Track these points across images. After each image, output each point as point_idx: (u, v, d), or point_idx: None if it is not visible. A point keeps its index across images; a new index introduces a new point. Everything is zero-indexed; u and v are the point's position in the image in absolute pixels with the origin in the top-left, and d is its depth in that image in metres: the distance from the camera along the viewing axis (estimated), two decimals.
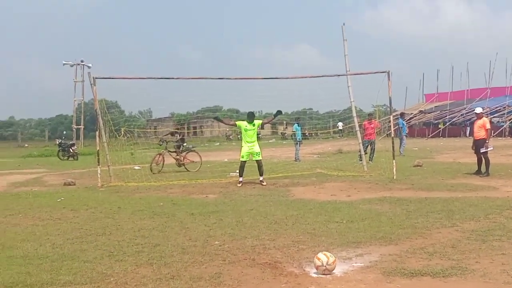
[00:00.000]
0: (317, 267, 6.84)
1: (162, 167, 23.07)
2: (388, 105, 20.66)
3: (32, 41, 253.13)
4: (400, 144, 30.30)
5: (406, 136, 32.51)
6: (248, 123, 17.50)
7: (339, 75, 20.61)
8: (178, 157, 23.77)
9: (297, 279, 6.63)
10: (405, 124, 33.52)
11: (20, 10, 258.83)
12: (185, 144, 24.71)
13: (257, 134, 18.34)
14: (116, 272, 7.08)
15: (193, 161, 23.96)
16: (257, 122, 17.81)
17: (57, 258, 7.95)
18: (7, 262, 7.76)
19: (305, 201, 13.20)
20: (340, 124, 50.49)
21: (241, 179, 17.46)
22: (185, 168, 23.52)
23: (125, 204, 13.58)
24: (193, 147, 25.25)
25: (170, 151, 23.85)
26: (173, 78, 20.15)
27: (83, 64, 62.75)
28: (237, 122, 18.08)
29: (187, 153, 24.15)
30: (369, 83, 21.98)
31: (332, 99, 24.63)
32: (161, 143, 24.47)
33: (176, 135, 25.04)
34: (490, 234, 8.72)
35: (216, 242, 8.80)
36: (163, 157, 23.24)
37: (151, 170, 22.31)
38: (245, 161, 17.53)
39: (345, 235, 9.03)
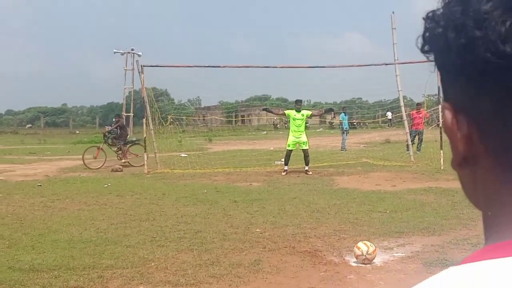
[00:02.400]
0: (357, 256, 6.80)
1: (104, 162, 21.18)
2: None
3: (85, 30, 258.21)
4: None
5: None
6: (297, 111, 17.41)
7: (386, 64, 20.37)
8: (119, 150, 22.11)
9: (336, 268, 6.61)
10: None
11: (74, 1, 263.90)
12: (128, 136, 23.04)
13: (306, 123, 18.22)
14: (157, 257, 7.18)
15: (137, 155, 22.05)
16: (306, 112, 17.70)
17: (101, 242, 8.10)
18: (52, 245, 7.95)
19: (349, 191, 13.11)
20: (389, 114, 49.84)
21: (286, 167, 17.42)
22: (128, 163, 21.70)
23: (169, 190, 13.72)
24: (137, 140, 23.22)
25: (110, 144, 22.28)
26: (219, 67, 20.25)
27: (134, 53, 63.22)
28: (286, 112, 18.02)
29: (130, 146, 22.52)
30: (419, 73, 21.65)
31: (381, 88, 24.38)
32: (106, 137, 22.53)
33: (117, 125, 23.02)
34: None
35: (257, 230, 8.83)
36: (104, 151, 21.44)
37: (84, 165, 20.91)
38: (291, 149, 17.47)
39: (387, 225, 8.94)
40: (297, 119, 17.35)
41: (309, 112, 17.99)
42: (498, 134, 0.59)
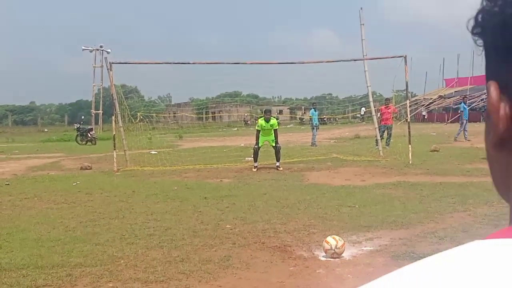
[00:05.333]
0: (326, 251, 6.85)
1: None
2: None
3: (53, 27, 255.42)
4: (463, 129, 29.53)
5: (466, 120, 30.97)
6: (266, 122, 17.53)
7: (355, 60, 20.50)
8: None
9: (305, 263, 6.65)
10: (467, 108, 31.85)
11: None
12: None
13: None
14: (126, 255, 7.15)
15: None
16: (274, 124, 17.75)
17: (69, 240, 8.04)
18: (20, 244, 7.87)
19: (319, 186, 13.19)
20: (363, 109, 50.14)
21: (256, 164, 17.47)
22: None
23: (139, 188, 13.66)
24: None
25: None
26: (189, 63, 20.20)
27: (102, 50, 62.92)
28: (257, 124, 17.99)
29: None
30: (388, 68, 21.88)
31: (350, 84, 24.56)
32: None
33: None
34: (503, 219, 8.64)
35: (228, 226, 8.84)
36: None
37: None
38: (259, 146, 17.53)
39: (356, 219, 9.02)
40: (266, 129, 17.51)
41: (276, 125, 17.94)
42: None
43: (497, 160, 0.63)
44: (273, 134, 17.64)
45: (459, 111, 33.23)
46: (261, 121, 17.74)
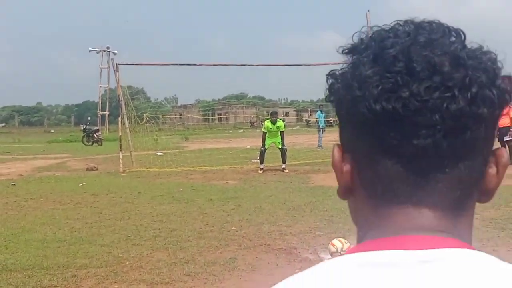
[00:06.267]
0: (331, 253, 6.81)
1: None
2: None
3: (60, 29, 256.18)
4: None
5: None
6: (272, 124, 17.53)
7: None
8: None
9: (311, 265, 6.43)
10: None
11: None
12: None
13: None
14: (132, 256, 7.14)
15: None
16: (281, 126, 17.73)
17: (75, 241, 8.05)
18: (25, 245, 7.88)
19: (325, 188, 13.13)
20: None
21: (262, 165, 17.45)
22: None
23: (145, 189, 13.66)
24: None
25: None
26: (195, 65, 20.20)
27: (109, 51, 63.07)
28: (264, 126, 17.99)
29: None
30: None
31: None
32: None
33: None
34: (510, 222, 8.61)
35: (233, 228, 8.82)
36: None
37: None
38: (266, 148, 17.50)
39: None
40: (273, 131, 17.51)
41: (282, 127, 17.96)
42: (368, 171, 0.76)
43: (349, 204, 0.83)
44: (280, 136, 17.63)
45: None
46: (267, 123, 17.75)
